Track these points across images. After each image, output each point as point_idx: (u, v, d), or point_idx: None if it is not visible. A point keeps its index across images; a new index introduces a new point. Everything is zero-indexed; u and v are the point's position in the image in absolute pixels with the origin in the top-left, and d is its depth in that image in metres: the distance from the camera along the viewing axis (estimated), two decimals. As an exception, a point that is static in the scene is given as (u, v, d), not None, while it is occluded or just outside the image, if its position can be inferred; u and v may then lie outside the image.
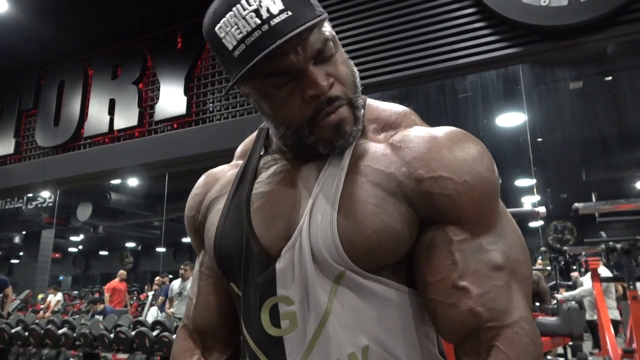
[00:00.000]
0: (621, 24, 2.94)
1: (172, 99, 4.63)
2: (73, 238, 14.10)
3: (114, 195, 8.35)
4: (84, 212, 8.66)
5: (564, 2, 2.99)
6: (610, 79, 4.72)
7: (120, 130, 4.93)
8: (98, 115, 5.04)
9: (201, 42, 4.63)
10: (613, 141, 6.23)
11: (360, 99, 0.70)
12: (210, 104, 4.57)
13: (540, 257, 7.03)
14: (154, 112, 4.72)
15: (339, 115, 0.66)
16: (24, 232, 9.52)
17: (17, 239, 10.62)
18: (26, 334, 4.19)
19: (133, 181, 7.51)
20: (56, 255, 14.06)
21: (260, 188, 0.74)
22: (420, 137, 0.67)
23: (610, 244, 3.70)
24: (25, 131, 5.73)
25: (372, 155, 0.69)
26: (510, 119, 4.93)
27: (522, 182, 6.81)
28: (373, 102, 0.77)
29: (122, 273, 8.47)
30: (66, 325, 4.24)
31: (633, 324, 3.56)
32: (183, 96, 4.58)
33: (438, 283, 0.63)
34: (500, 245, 0.64)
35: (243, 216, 0.72)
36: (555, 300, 4.49)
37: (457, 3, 3.36)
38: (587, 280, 5.80)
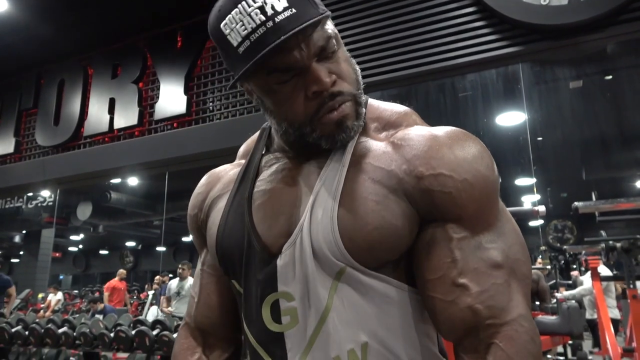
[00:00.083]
0: (621, 23, 2.94)
1: (172, 98, 4.63)
2: (73, 237, 14.11)
3: (114, 195, 8.35)
4: (84, 212, 8.66)
5: (564, 1, 2.99)
6: (610, 78, 4.71)
7: (120, 130, 4.93)
8: (98, 115, 5.04)
9: (201, 41, 4.64)
10: (613, 140, 6.23)
11: (363, 95, 0.71)
12: (210, 103, 4.57)
13: (540, 256, 7.04)
14: (154, 111, 4.72)
15: (341, 112, 0.66)
16: (24, 232, 9.53)
17: (17, 238, 10.62)
18: (26, 333, 4.19)
19: (133, 180, 7.51)
20: (56, 254, 14.06)
21: (262, 186, 0.75)
22: (420, 136, 0.68)
23: (610, 243, 3.70)
24: (25, 130, 5.73)
25: (373, 153, 0.69)
26: (510, 118, 4.93)
27: (522, 181, 6.81)
28: (374, 102, 0.77)
29: (122, 272, 8.48)
30: (66, 324, 4.24)
31: (633, 322, 3.57)
32: (183, 95, 4.58)
33: (437, 280, 0.64)
34: (500, 244, 0.64)
35: (245, 214, 0.73)
36: (555, 299, 4.49)
37: (457, 2, 3.36)
38: (587, 279, 5.80)
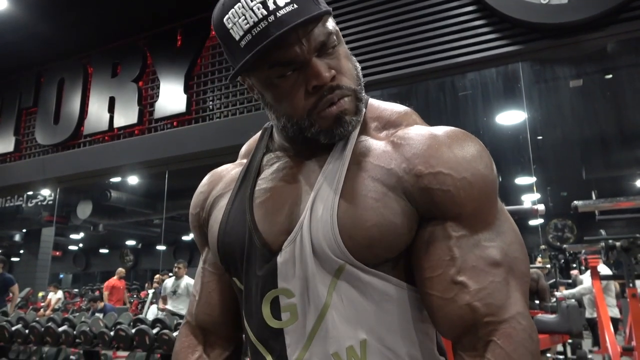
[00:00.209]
0: (621, 21, 2.94)
1: (172, 97, 4.63)
2: (73, 236, 14.11)
3: (114, 193, 8.35)
4: (84, 210, 8.66)
5: (564, 0, 2.99)
6: (610, 77, 4.71)
7: (120, 128, 4.93)
8: (98, 113, 5.04)
9: (201, 40, 4.64)
10: (613, 139, 6.22)
11: (363, 92, 0.71)
12: (210, 102, 4.57)
13: (540, 255, 7.03)
14: (154, 110, 4.73)
15: (340, 106, 0.67)
16: (24, 230, 9.53)
17: (18, 237, 10.62)
18: (27, 331, 4.20)
19: (133, 179, 7.51)
20: (56, 253, 14.07)
21: (263, 184, 0.75)
22: (420, 135, 0.68)
23: (610, 241, 3.71)
24: (25, 129, 5.73)
25: (373, 151, 0.70)
26: (510, 117, 4.92)
27: (522, 180, 6.81)
28: (375, 102, 0.78)
29: (121, 271, 8.49)
30: (66, 323, 4.25)
31: (632, 321, 3.57)
32: (183, 94, 4.58)
33: (436, 278, 0.64)
34: (499, 242, 0.65)
35: (246, 212, 0.73)
36: (554, 298, 4.50)
37: (457, 1, 3.36)
38: (587, 278, 5.80)
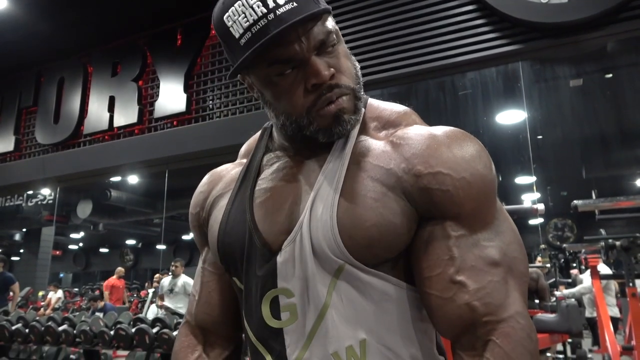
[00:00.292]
0: (621, 21, 2.94)
1: (172, 96, 4.63)
2: (73, 235, 14.12)
3: (114, 193, 8.35)
4: (84, 210, 8.66)
5: (564, 0, 2.99)
6: (610, 76, 4.71)
7: (120, 128, 4.93)
8: (98, 113, 5.04)
9: (201, 39, 4.63)
10: (613, 139, 6.22)
11: (362, 91, 0.71)
12: (210, 101, 4.57)
13: (540, 255, 7.03)
14: (154, 110, 4.72)
15: (338, 105, 0.67)
16: (24, 230, 9.53)
17: (18, 237, 10.62)
18: (27, 330, 4.20)
19: (133, 178, 7.51)
20: (56, 252, 14.07)
21: (263, 184, 0.75)
22: (419, 135, 0.68)
23: (610, 241, 3.71)
24: (25, 128, 5.73)
25: (373, 151, 0.70)
26: (510, 116, 4.92)
27: (522, 180, 6.81)
28: (374, 102, 0.78)
29: (120, 270, 8.50)
30: (66, 322, 4.25)
31: (632, 321, 3.58)
32: (183, 93, 4.58)
33: (435, 277, 0.64)
34: (498, 242, 0.65)
35: (246, 211, 0.73)
36: (554, 297, 4.50)
37: (457, 0, 3.36)
38: (587, 278, 5.80)
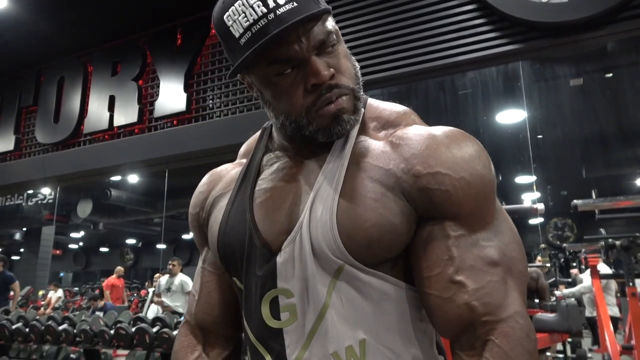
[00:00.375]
0: (621, 20, 2.94)
1: (172, 96, 4.63)
2: (73, 235, 14.12)
3: (114, 192, 8.35)
4: (84, 209, 8.66)
5: (564, -1, 2.99)
6: (610, 75, 4.71)
7: (120, 127, 4.93)
8: (98, 112, 5.04)
9: (201, 39, 4.63)
10: (613, 138, 6.22)
11: (362, 91, 0.71)
12: (210, 101, 4.57)
13: (540, 254, 7.03)
14: (154, 109, 4.72)
15: (338, 105, 0.67)
16: (25, 229, 9.52)
17: (18, 236, 10.62)
18: (27, 330, 4.20)
19: (133, 178, 7.52)
20: (57, 251, 14.07)
21: (263, 184, 0.75)
22: (419, 135, 0.68)
23: (610, 240, 3.71)
24: (25, 128, 5.73)
25: (372, 152, 0.70)
26: (510, 116, 4.92)
27: (522, 179, 6.81)
28: (374, 102, 0.78)
29: (119, 269, 8.51)
30: (67, 321, 4.25)
31: (632, 320, 3.58)
32: (183, 93, 4.58)
33: (435, 277, 0.64)
34: (497, 242, 0.65)
35: (246, 211, 0.73)
36: (554, 297, 4.50)
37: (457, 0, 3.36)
38: (587, 277, 5.80)
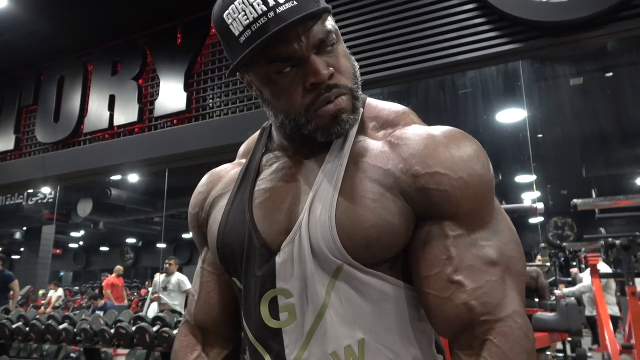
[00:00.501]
0: (621, 19, 2.93)
1: (172, 95, 4.63)
2: (73, 234, 14.12)
3: (114, 191, 8.36)
4: (84, 208, 8.66)
5: (564, -2, 2.98)
6: (610, 75, 4.71)
7: (120, 126, 4.93)
8: (98, 111, 5.04)
9: (201, 38, 4.63)
10: (613, 137, 6.22)
11: (360, 90, 0.71)
12: (210, 100, 4.56)
13: (540, 253, 7.04)
14: (154, 108, 4.72)
15: (337, 105, 0.67)
16: (25, 228, 9.52)
17: (18, 235, 10.62)
18: (27, 329, 4.21)
19: (133, 177, 7.52)
20: (57, 251, 14.07)
21: (263, 184, 0.75)
22: (417, 135, 0.68)
23: (610, 240, 3.71)
24: (25, 127, 5.73)
25: (371, 152, 0.70)
26: (510, 115, 4.92)
27: (522, 178, 6.82)
28: (373, 101, 0.78)
29: (119, 269, 8.52)
30: (67, 320, 4.25)
31: (632, 320, 3.58)
32: (183, 92, 4.57)
33: (433, 277, 0.64)
34: (495, 242, 0.65)
35: (246, 212, 0.73)
36: (553, 296, 4.50)
37: (457, -1, 3.35)
38: (587, 276, 5.81)
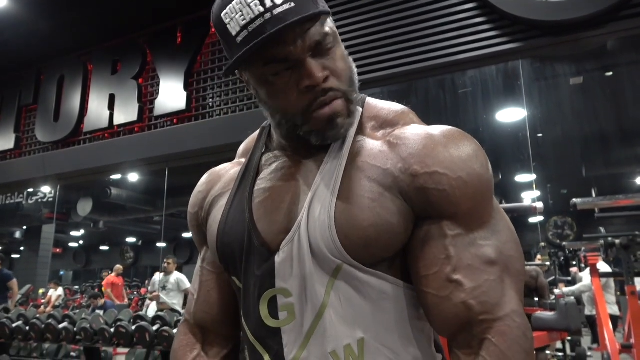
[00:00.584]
0: (622, 19, 2.93)
1: (172, 94, 4.63)
2: (74, 233, 14.13)
3: (114, 191, 8.36)
4: (84, 207, 8.67)
5: (564, -2, 2.98)
6: (610, 74, 4.71)
7: (120, 126, 4.93)
8: (98, 111, 5.04)
9: (201, 37, 4.63)
10: (613, 137, 6.22)
11: (356, 93, 0.71)
12: (210, 99, 4.56)
13: (540, 253, 7.04)
14: (154, 107, 4.72)
15: (332, 108, 0.67)
16: (25, 227, 9.53)
17: (18, 234, 10.63)
18: (27, 328, 4.21)
19: (133, 176, 7.52)
20: (57, 250, 14.08)
21: (262, 184, 0.75)
22: (416, 135, 0.68)
23: (609, 239, 3.71)
24: (25, 126, 5.73)
25: (370, 151, 0.70)
26: (510, 114, 4.92)
27: (522, 178, 6.82)
28: (372, 101, 0.78)
29: (119, 268, 8.53)
30: (67, 319, 4.26)
31: (631, 319, 3.58)
32: (183, 91, 4.57)
33: (432, 276, 0.64)
34: (494, 241, 0.65)
35: (245, 211, 0.73)
36: (553, 295, 4.50)
37: (457, -2, 3.35)
38: (587, 276, 5.81)
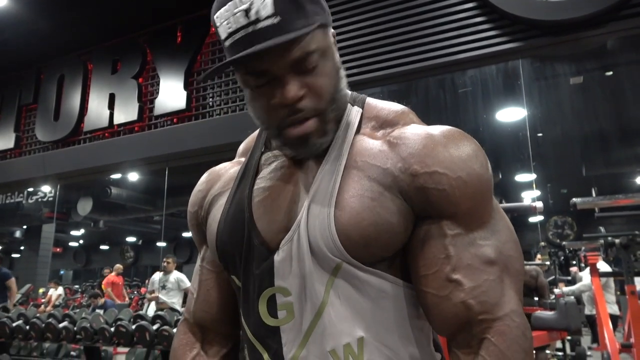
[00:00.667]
0: (622, 18, 2.93)
1: (172, 94, 4.63)
2: (74, 232, 14.15)
3: (114, 190, 8.37)
4: (84, 207, 8.68)
5: (564, -3, 2.98)
6: (610, 74, 4.71)
7: (120, 125, 4.93)
8: (98, 110, 5.04)
9: (201, 37, 4.62)
10: (613, 136, 6.23)
11: (334, 112, 0.70)
12: (210, 99, 4.56)
13: (540, 252, 7.04)
14: (154, 107, 4.72)
15: (303, 129, 0.67)
16: (25, 227, 9.54)
17: (18, 234, 10.64)
18: (27, 327, 4.22)
19: (133, 176, 7.53)
20: (57, 249, 14.10)
21: (262, 183, 0.76)
22: (416, 135, 0.69)
23: (609, 239, 3.72)
24: (25, 126, 5.73)
25: (370, 151, 0.70)
26: (510, 114, 4.93)
27: (522, 177, 6.83)
28: (372, 101, 0.78)
29: (118, 267, 8.54)
30: (67, 319, 4.26)
31: (631, 319, 3.58)
32: (183, 91, 4.57)
33: (432, 276, 0.65)
34: (494, 241, 0.65)
35: (245, 210, 0.74)
36: (553, 294, 4.50)
37: (458, -3, 3.35)
38: (587, 275, 5.81)
